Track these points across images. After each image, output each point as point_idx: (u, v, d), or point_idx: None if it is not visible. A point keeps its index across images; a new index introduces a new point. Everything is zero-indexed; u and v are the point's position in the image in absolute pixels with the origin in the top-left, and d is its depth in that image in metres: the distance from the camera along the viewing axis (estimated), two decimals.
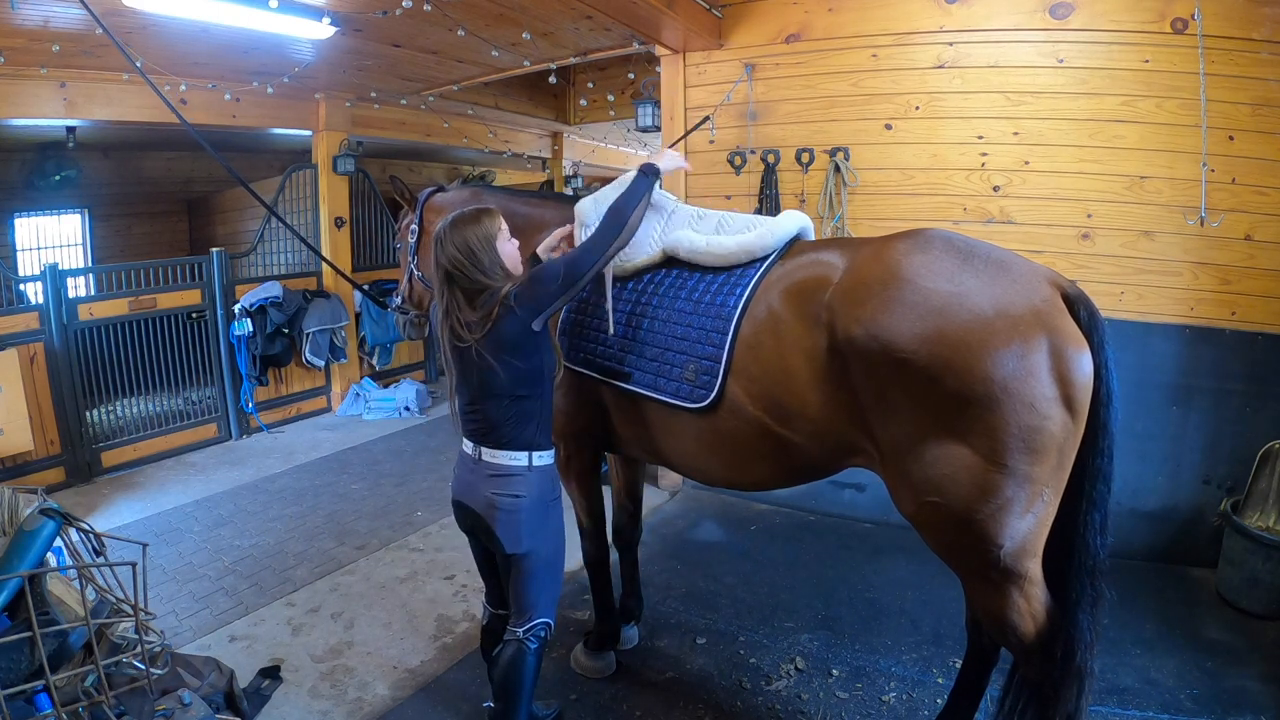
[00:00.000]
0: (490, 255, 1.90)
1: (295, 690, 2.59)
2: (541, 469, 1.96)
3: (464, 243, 1.89)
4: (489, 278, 1.89)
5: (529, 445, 1.93)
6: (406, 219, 3.07)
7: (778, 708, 2.47)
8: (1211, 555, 3.24)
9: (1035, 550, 1.68)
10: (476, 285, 1.89)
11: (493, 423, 1.92)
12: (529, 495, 1.93)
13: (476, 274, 1.88)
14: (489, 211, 1.99)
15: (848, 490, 3.95)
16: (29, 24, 3.76)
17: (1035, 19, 3.31)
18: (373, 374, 6.57)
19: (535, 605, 1.99)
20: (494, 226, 1.94)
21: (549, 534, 1.99)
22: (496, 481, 1.93)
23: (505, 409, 1.91)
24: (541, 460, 1.96)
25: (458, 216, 1.96)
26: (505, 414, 1.91)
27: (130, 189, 7.81)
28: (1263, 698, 2.47)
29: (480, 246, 1.89)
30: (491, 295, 1.88)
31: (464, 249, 1.89)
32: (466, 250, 1.88)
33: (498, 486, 1.93)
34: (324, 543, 3.78)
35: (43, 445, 4.45)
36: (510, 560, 1.98)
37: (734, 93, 3.98)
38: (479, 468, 1.96)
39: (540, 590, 1.99)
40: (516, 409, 1.91)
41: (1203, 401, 3.31)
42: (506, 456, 1.92)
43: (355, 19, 4.06)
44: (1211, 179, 3.14)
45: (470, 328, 1.87)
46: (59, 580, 1.86)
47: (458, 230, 1.91)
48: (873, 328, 1.69)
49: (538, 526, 1.95)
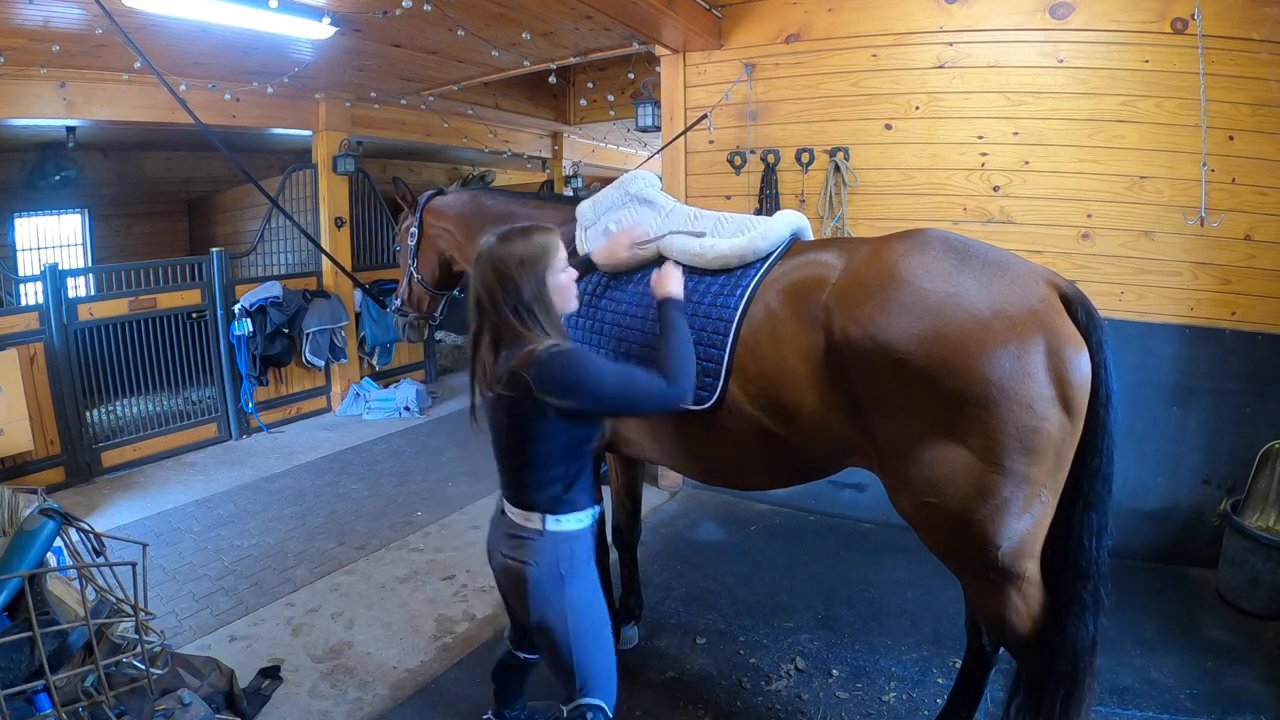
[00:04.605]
0: (533, 287, 1.56)
1: (295, 690, 2.59)
2: (559, 535, 1.64)
3: (503, 264, 1.55)
4: (522, 323, 1.54)
5: (548, 507, 1.63)
6: (406, 221, 3.07)
7: (778, 708, 2.47)
8: (1211, 555, 3.24)
9: (1033, 551, 1.68)
10: (505, 326, 1.56)
11: (509, 477, 1.68)
12: (537, 564, 1.64)
13: (506, 311, 1.55)
14: (547, 230, 1.64)
15: (848, 490, 3.95)
16: (29, 24, 3.76)
17: (1035, 19, 3.31)
18: (373, 374, 6.57)
19: (585, 678, 1.67)
20: (547, 250, 1.59)
21: (569, 608, 1.64)
22: (510, 542, 1.68)
23: (523, 470, 1.63)
24: (560, 525, 1.64)
25: (507, 231, 1.62)
26: (523, 474, 1.64)
27: (130, 189, 7.81)
28: (1263, 698, 2.47)
29: (523, 273, 1.55)
30: (517, 348, 1.53)
31: (501, 272, 1.55)
32: (503, 275, 1.54)
33: (509, 548, 1.68)
34: (324, 543, 3.78)
35: (43, 445, 4.45)
36: (530, 629, 1.74)
37: (734, 92, 3.98)
38: (501, 522, 1.73)
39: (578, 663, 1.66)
40: (539, 474, 1.62)
41: (1203, 401, 3.31)
42: (520, 516, 1.66)
43: (355, 19, 4.06)
44: (1211, 179, 3.14)
45: (492, 378, 1.56)
46: (59, 580, 1.86)
47: (502, 247, 1.58)
48: (870, 328, 1.69)
49: (549, 599, 1.64)
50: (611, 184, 2.50)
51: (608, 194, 2.46)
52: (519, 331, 1.55)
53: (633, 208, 2.43)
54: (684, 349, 1.68)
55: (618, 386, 1.56)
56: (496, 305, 1.55)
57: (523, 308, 1.55)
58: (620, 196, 2.45)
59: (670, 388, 1.59)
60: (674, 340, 1.70)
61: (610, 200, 2.44)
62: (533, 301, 1.55)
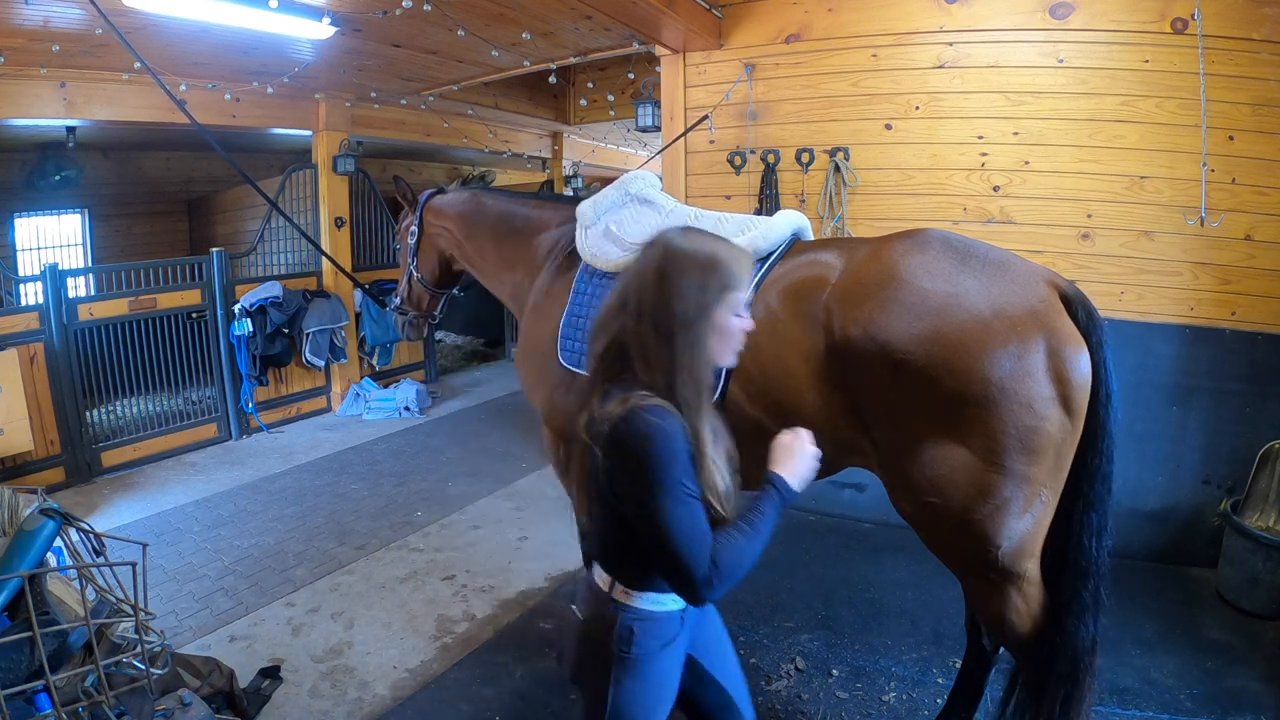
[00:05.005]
0: (695, 308, 1.18)
1: (295, 690, 2.58)
2: (626, 610, 1.31)
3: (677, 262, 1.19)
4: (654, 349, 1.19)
5: (624, 576, 1.33)
6: (407, 220, 3.07)
7: (778, 708, 2.47)
8: (1211, 555, 3.24)
9: (1033, 550, 1.68)
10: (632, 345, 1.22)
11: (592, 527, 1.39)
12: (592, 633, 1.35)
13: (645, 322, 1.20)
14: (746, 257, 1.27)
15: (848, 490, 3.95)
16: (29, 24, 3.76)
17: (1035, 19, 3.31)
18: (373, 374, 6.57)
19: None
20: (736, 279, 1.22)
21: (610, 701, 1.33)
22: (586, 594, 1.39)
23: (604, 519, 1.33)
24: (630, 600, 1.31)
25: (702, 231, 1.28)
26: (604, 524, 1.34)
27: (130, 189, 7.82)
28: (1263, 698, 2.47)
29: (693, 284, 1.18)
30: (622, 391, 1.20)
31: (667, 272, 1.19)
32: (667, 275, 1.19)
33: (582, 598, 1.40)
34: (324, 543, 3.78)
35: (43, 445, 4.45)
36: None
37: (734, 93, 3.98)
38: (588, 573, 1.42)
39: None
40: (621, 535, 1.29)
41: (1203, 401, 3.31)
42: (596, 573, 1.37)
43: (355, 19, 4.06)
44: (1211, 179, 3.14)
45: (593, 422, 1.24)
46: (59, 580, 1.86)
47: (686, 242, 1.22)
48: (870, 328, 1.69)
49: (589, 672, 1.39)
50: (612, 184, 2.50)
51: (608, 194, 2.46)
52: (645, 359, 1.20)
53: (633, 208, 2.44)
54: (752, 549, 1.23)
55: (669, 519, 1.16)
56: (640, 310, 1.20)
57: (665, 328, 1.18)
58: (620, 196, 2.46)
59: (707, 574, 1.18)
60: (752, 536, 1.24)
61: (611, 200, 2.45)
62: (683, 323, 1.18)
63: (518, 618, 3.07)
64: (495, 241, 2.81)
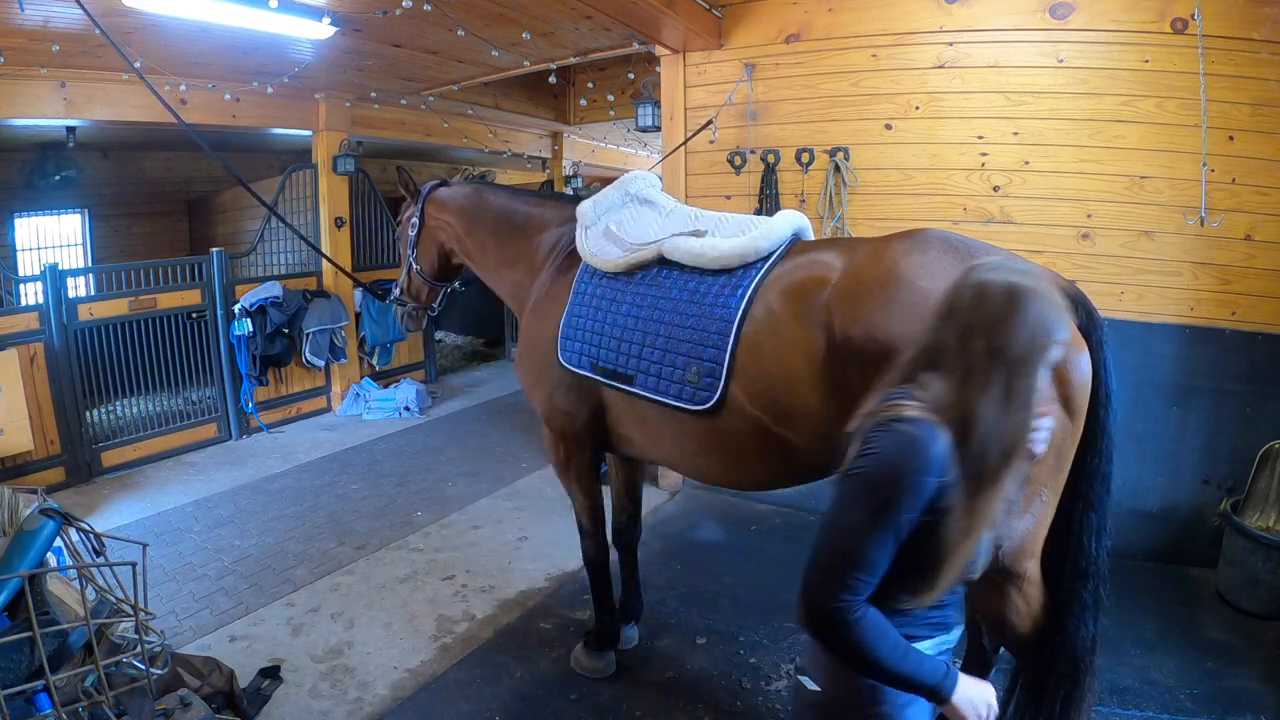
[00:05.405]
0: (1019, 403, 1.05)
1: (295, 690, 2.59)
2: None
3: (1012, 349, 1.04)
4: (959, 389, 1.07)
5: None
6: (408, 211, 3.05)
7: (778, 708, 2.47)
8: (1211, 555, 3.24)
9: (1033, 550, 1.68)
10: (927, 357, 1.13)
11: None
12: (827, 685, 1.23)
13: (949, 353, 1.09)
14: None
15: None
16: (29, 24, 3.76)
17: (1035, 19, 3.31)
18: (373, 374, 6.58)
19: None
20: (1060, 341, 1.08)
21: None
22: (814, 660, 1.26)
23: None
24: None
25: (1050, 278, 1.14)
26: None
27: (130, 189, 7.82)
28: (1263, 698, 2.48)
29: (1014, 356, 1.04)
30: (892, 412, 1.10)
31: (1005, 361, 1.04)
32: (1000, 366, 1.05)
33: (810, 665, 1.27)
34: (324, 543, 3.78)
35: (43, 445, 4.45)
36: None
37: (734, 93, 3.98)
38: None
39: None
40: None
41: (1203, 401, 3.31)
42: None
43: (355, 19, 4.06)
44: (1211, 179, 3.14)
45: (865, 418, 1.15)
46: (59, 580, 1.86)
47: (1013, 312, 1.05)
48: (871, 328, 1.69)
49: None
50: (612, 184, 2.50)
51: (608, 194, 2.46)
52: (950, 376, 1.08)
53: (633, 208, 2.44)
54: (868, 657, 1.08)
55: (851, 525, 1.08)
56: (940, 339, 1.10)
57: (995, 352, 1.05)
58: (621, 196, 2.46)
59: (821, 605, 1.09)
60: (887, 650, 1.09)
61: (611, 200, 2.45)
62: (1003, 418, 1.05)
63: (518, 618, 3.07)
64: (496, 238, 2.80)
